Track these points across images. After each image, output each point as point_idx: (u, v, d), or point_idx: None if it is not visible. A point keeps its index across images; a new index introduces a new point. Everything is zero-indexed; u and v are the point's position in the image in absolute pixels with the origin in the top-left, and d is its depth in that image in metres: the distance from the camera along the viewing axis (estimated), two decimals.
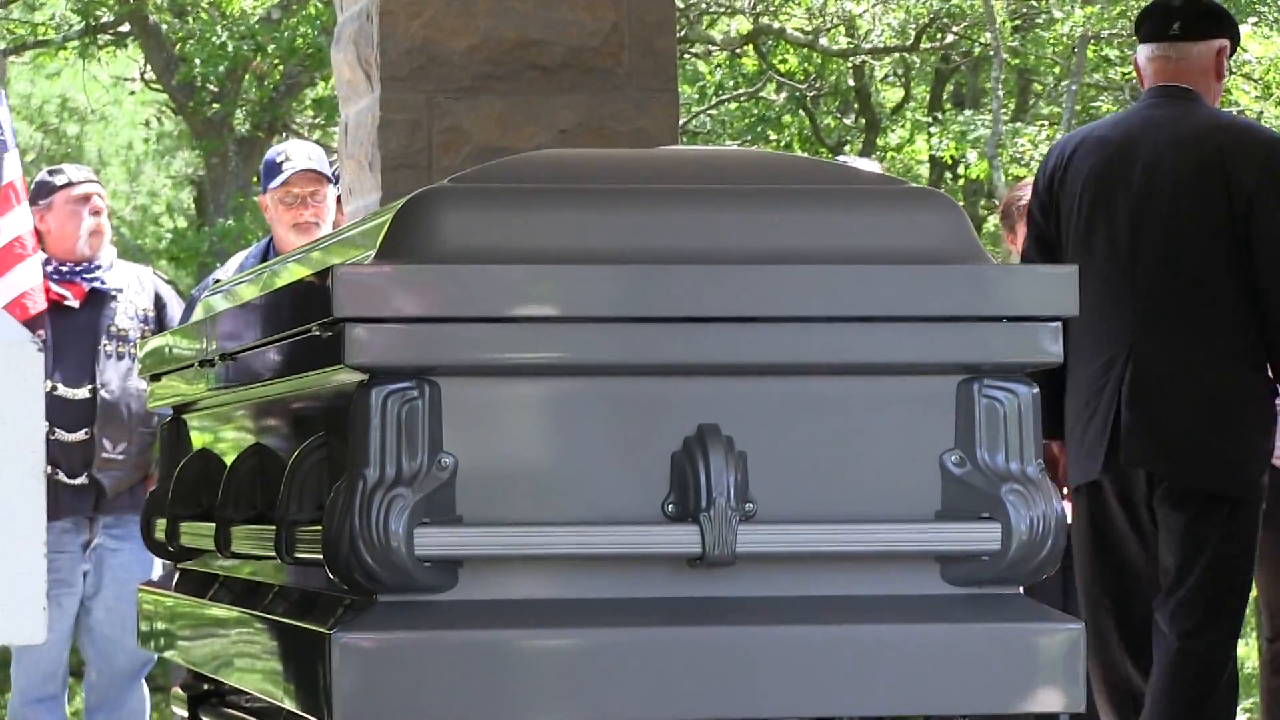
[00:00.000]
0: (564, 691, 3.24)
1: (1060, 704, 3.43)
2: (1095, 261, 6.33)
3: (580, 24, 7.21)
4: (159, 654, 4.50)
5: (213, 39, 18.37)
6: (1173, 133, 6.47)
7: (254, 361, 3.71)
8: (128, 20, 19.41)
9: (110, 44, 21.30)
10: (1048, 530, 3.34)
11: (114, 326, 8.40)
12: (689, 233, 3.36)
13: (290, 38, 17.94)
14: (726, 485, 3.20)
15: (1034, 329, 3.37)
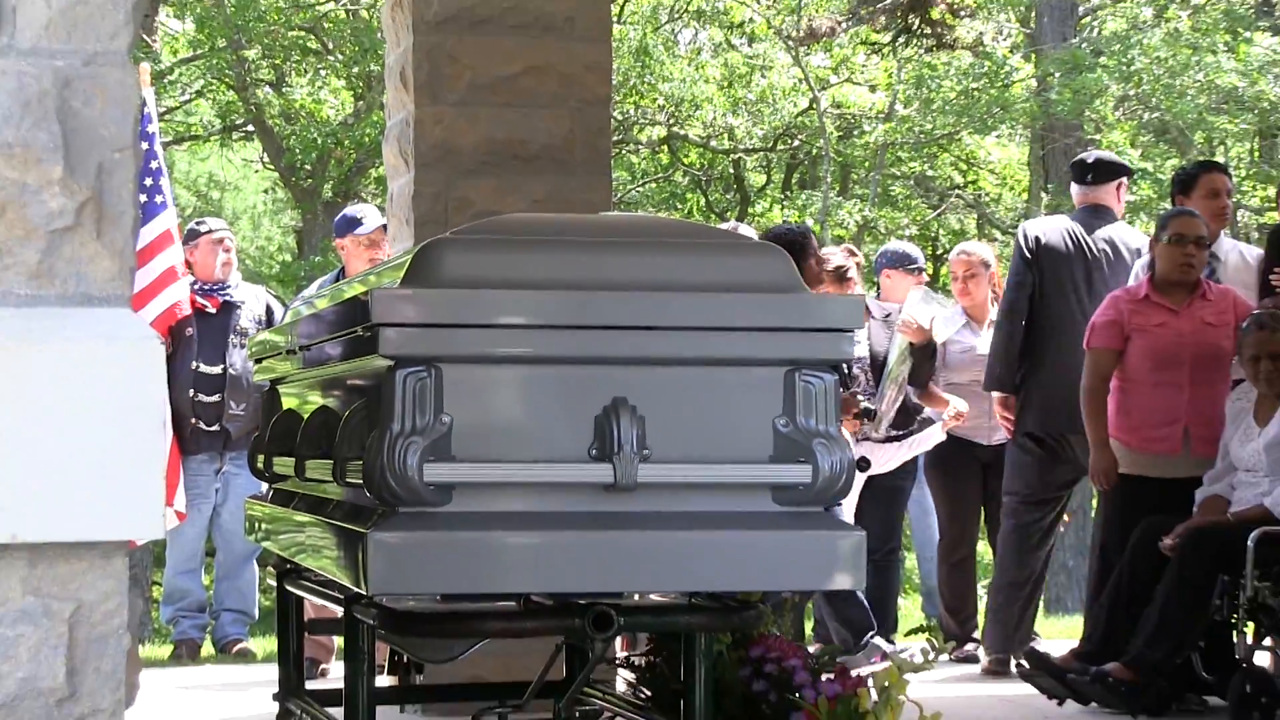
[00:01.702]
0: (521, 572, 3.57)
1: (849, 584, 3.80)
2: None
3: (547, 130, 7.54)
4: (260, 543, 4.69)
5: (309, 135, 19.42)
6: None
7: (321, 351, 3.97)
8: (252, 122, 20.41)
9: (240, 138, 22.44)
10: (842, 469, 3.66)
11: (239, 326, 9.27)
12: (613, 269, 3.70)
13: (360, 135, 18.75)
14: (631, 438, 3.55)
15: (835, 337, 3.73)
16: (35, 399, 2.05)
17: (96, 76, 2.14)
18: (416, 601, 3.92)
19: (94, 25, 2.13)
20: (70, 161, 2.12)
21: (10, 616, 2.03)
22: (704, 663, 3.94)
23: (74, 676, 2.04)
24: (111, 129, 2.15)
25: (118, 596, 2.07)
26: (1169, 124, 19.93)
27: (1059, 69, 18.97)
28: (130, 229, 2.18)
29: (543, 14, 7.71)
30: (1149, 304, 7.93)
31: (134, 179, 2.19)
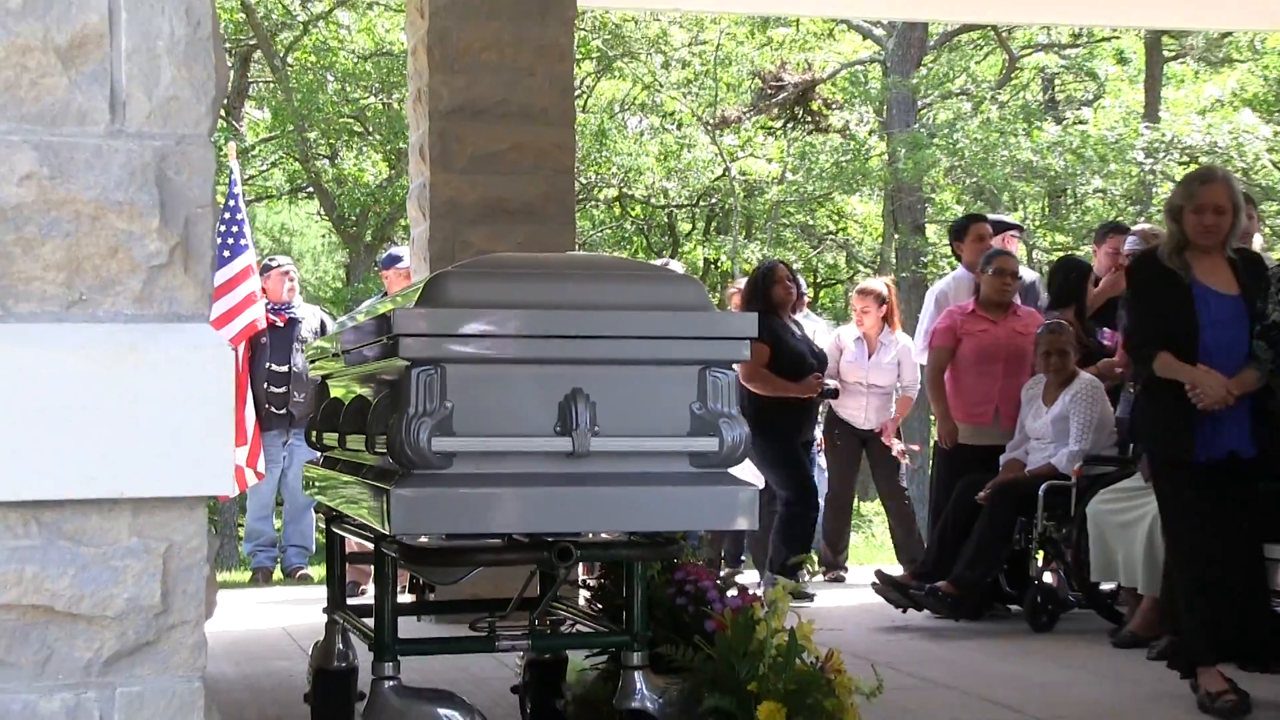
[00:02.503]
0: (505, 517, 3.52)
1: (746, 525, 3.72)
2: None
3: (527, 191, 7.54)
4: (315, 497, 4.59)
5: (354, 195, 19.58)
6: None
7: (358, 354, 3.91)
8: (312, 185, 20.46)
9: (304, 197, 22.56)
10: (741, 440, 3.63)
11: (300, 336, 9.24)
12: (573, 294, 3.66)
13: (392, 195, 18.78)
14: (585, 418, 3.54)
15: (735, 343, 3.71)
16: (139, 391, 2.04)
17: (185, 153, 2.13)
18: (428, 539, 3.85)
19: (183, 115, 2.13)
20: (165, 215, 2.11)
21: (120, 552, 2.02)
22: (640, 584, 3.92)
23: (167, 597, 2.04)
24: (195, 192, 2.14)
25: (200, 537, 2.07)
26: (984, 187, 20.00)
27: (904, 146, 19.02)
28: (210, 265, 2.18)
29: (524, 106, 7.72)
30: (975, 316, 8.06)
31: (213, 228, 2.18)
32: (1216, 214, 5.44)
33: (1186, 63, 21.38)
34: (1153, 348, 5.42)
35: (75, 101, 2.05)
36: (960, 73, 21.82)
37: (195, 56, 2.12)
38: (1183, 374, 5.34)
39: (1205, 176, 5.67)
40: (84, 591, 1.98)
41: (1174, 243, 5.50)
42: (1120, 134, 18.82)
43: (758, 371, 8.28)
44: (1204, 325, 5.37)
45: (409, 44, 8.24)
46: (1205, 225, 5.44)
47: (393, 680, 3.69)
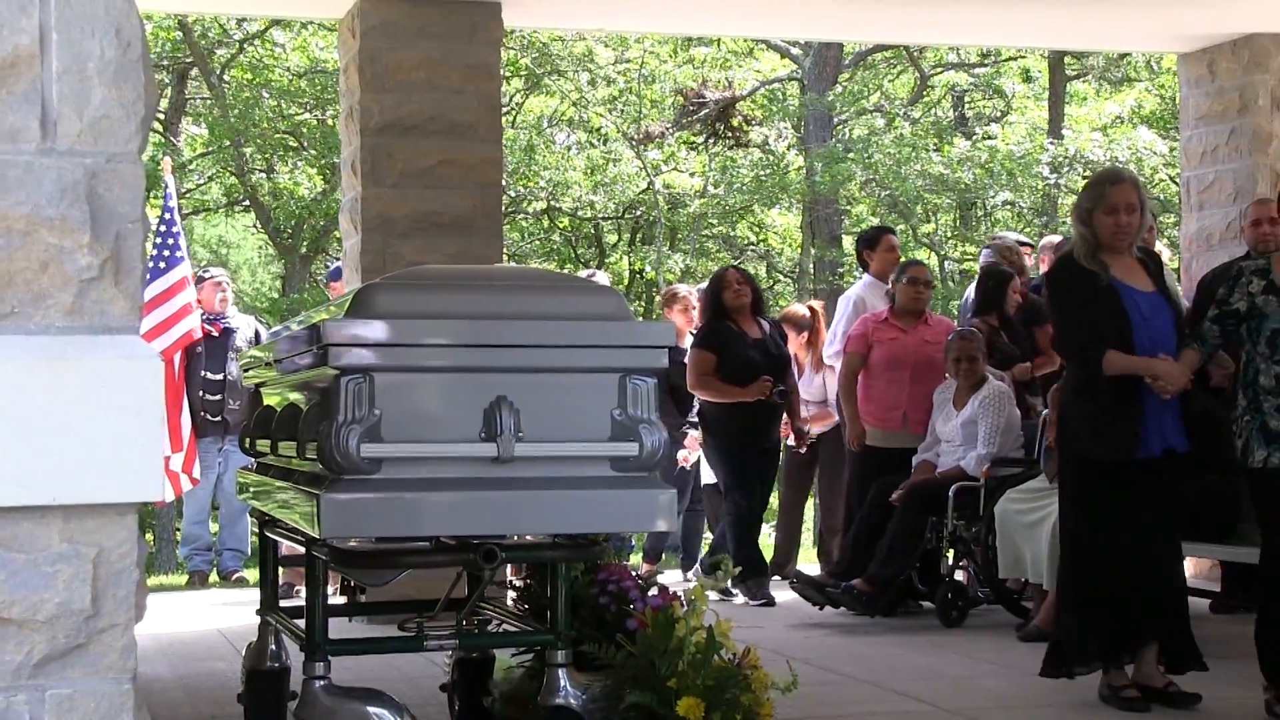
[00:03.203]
0: (432, 520, 3.52)
1: (665, 527, 3.76)
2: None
3: (458, 206, 7.58)
4: (249, 502, 4.57)
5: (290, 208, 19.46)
6: None
7: (290, 363, 3.92)
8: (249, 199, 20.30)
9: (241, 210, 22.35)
10: (659, 446, 3.63)
11: (235, 345, 9.16)
12: (498, 305, 3.66)
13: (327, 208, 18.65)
14: (509, 424, 3.53)
15: (655, 351, 3.70)
16: (71, 401, 2.03)
17: (115, 170, 2.12)
18: (358, 542, 3.85)
19: (113, 134, 2.12)
20: (96, 231, 2.10)
21: (51, 557, 2.01)
22: (564, 584, 3.93)
23: (97, 601, 2.02)
24: (125, 207, 2.13)
25: (130, 543, 2.05)
26: (898, 200, 20.15)
27: (821, 161, 19.14)
28: (140, 278, 2.15)
29: (453, 123, 7.73)
30: (888, 324, 8.09)
31: (143, 243, 2.16)
32: (1129, 213, 5.32)
33: (1088, 81, 21.66)
34: (1097, 347, 5.22)
35: (7, 120, 2.04)
36: (874, 90, 21.99)
37: (125, 77, 2.11)
38: (1140, 367, 5.16)
39: (1114, 177, 5.49)
40: (14, 596, 1.97)
41: (1087, 246, 5.34)
42: (1026, 149, 19.03)
43: (703, 379, 8.25)
44: (1134, 323, 5.23)
45: (341, 63, 8.22)
46: (1119, 225, 5.31)
47: (323, 679, 3.68)
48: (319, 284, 20.12)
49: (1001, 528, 7.01)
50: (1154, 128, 19.57)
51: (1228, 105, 9.13)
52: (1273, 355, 5.07)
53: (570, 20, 13.14)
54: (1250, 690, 5.28)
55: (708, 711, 3.95)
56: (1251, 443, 5.06)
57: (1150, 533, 5.21)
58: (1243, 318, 5.16)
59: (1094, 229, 5.31)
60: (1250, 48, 9.00)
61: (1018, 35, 10.68)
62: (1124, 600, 5.22)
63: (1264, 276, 5.16)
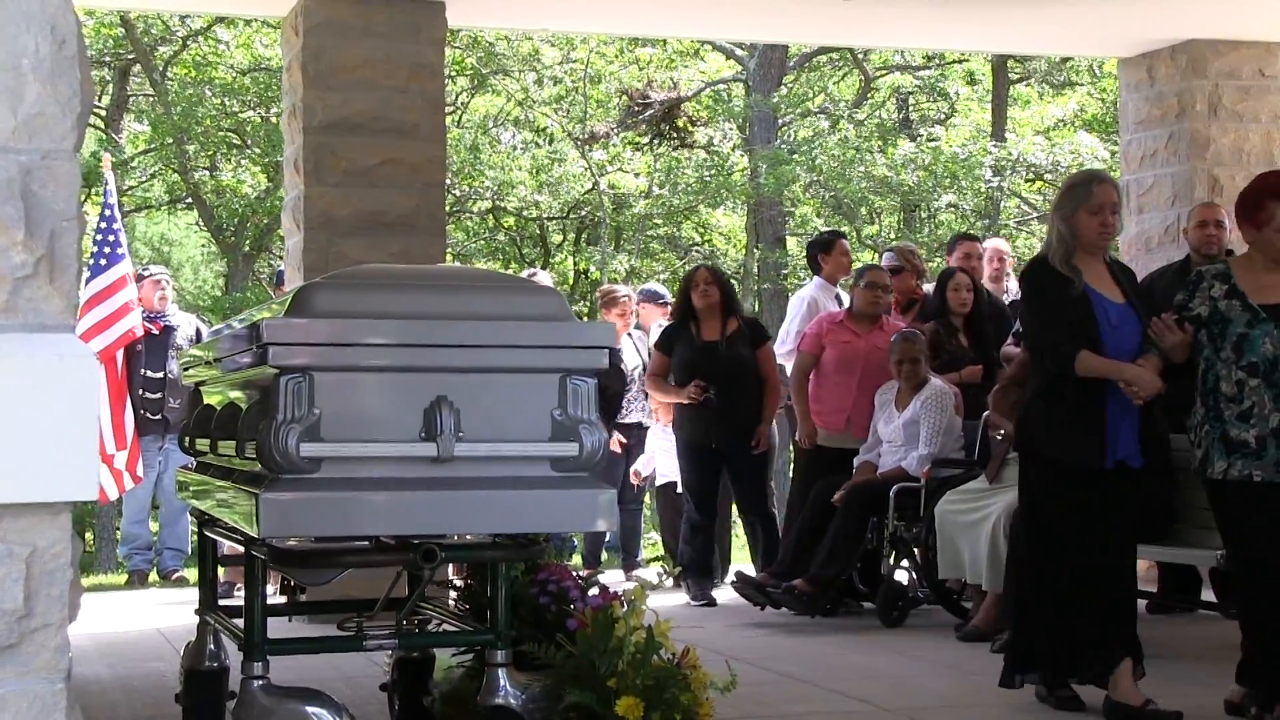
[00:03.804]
0: (372, 519, 3.53)
1: (605, 527, 3.82)
2: None
3: (401, 205, 7.57)
4: (188, 501, 4.55)
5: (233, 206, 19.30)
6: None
7: (230, 362, 3.91)
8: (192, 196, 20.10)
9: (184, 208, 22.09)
10: (600, 446, 3.66)
11: (175, 343, 9.06)
12: (438, 304, 3.69)
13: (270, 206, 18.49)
14: (449, 424, 3.55)
15: (595, 352, 3.72)
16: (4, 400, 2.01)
17: (50, 168, 2.11)
18: (297, 542, 3.88)
19: (48, 131, 2.11)
20: (30, 228, 2.09)
21: None
22: (504, 584, 3.93)
23: (30, 600, 2.01)
24: (61, 205, 2.12)
25: (64, 542, 2.04)
26: (842, 201, 20.25)
27: (765, 162, 19.20)
28: (75, 276, 2.14)
29: (397, 123, 7.72)
30: (842, 326, 8.12)
31: (79, 241, 2.15)
32: (1112, 213, 5.19)
33: (1031, 85, 21.83)
34: (1072, 345, 5.06)
35: None
36: (819, 92, 22.07)
37: (60, 74, 2.10)
38: (1113, 371, 5.03)
39: (1098, 177, 5.32)
40: None
41: (1064, 249, 5.17)
42: (970, 152, 19.16)
43: (653, 379, 8.45)
44: (1103, 331, 5.10)
45: (284, 61, 8.19)
46: (1104, 225, 5.15)
47: (261, 679, 3.68)
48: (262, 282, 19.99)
49: (941, 528, 7.05)
50: (1095, 132, 19.74)
51: (1166, 110, 9.23)
52: (1237, 361, 4.97)
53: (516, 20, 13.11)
54: (1208, 691, 5.33)
55: (647, 711, 3.96)
56: (1211, 453, 4.98)
57: (1109, 541, 5.10)
58: (1203, 323, 5.07)
59: (1075, 229, 5.15)
60: (1189, 53, 9.11)
61: (960, 39, 10.77)
62: (1083, 609, 5.11)
63: (1225, 280, 5.07)
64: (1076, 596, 5.12)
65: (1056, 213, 5.23)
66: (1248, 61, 9.13)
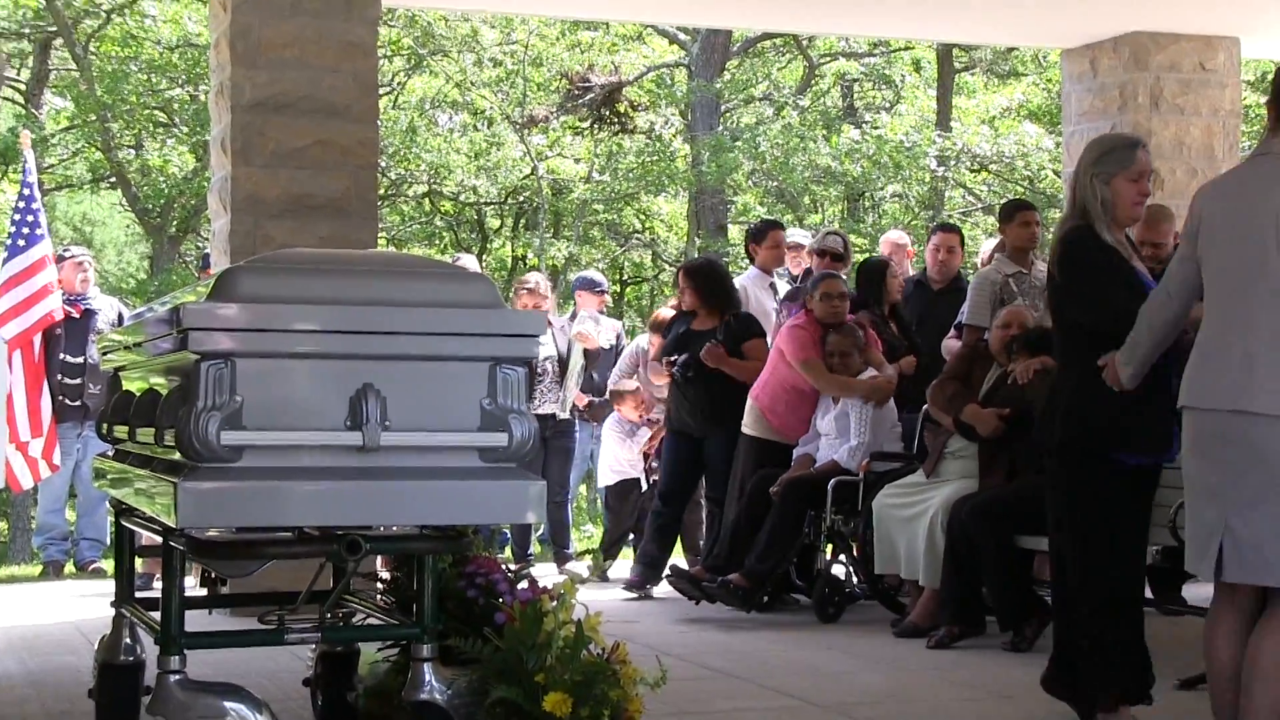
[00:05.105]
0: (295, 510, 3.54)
1: (533, 519, 3.94)
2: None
3: (331, 187, 7.51)
4: (106, 490, 4.51)
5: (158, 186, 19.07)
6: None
7: (150, 347, 3.91)
8: (115, 176, 19.82)
9: (107, 187, 21.74)
10: (529, 436, 3.69)
11: (96, 327, 8.95)
12: (365, 290, 3.68)
13: (198, 187, 18.31)
14: (375, 413, 3.57)
15: (525, 340, 3.77)
16: None
17: None
18: (218, 532, 3.82)
19: None
20: None
21: None
22: (431, 577, 3.92)
23: None
24: None
25: None
26: (785, 190, 20.31)
27: (707, 149, 19.22)
28: None
29: (327, 103, 7.66)
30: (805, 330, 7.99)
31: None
32: (1149, 181, 4.89)
33: (976, 74, 21.96)
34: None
35: None
36: (762, 78, 22.11)
37: None
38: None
39: (1137, 141, 4.94)
40: None
41: (1108, 216, 4.78)
42: (914, 141, 19.25)
43: (651, 363, 8.80)
44: None
45: (212, 37, 8.11)
46: (1142, 193, 4.84)
47: (178, 674, 3.65)
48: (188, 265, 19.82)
49: (879, 523, 7.10)
50: (1040, 123, 19.90)
51: (1108, 102, 9.33)
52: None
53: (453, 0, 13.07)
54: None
55: (575, 707, 3.96)
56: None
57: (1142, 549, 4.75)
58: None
59: (1113, 197, 4.78)
60: (1131, 45, 9.20)
61: (905, 27, 10.82)
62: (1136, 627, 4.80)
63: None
64: (1135, 612, 4.83)
65: (1095, 177, 4.80)
66: (1188, 55, 9.23)
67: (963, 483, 6.83)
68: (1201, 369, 4.20)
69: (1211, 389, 4.13)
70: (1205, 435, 4.15)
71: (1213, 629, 4.21)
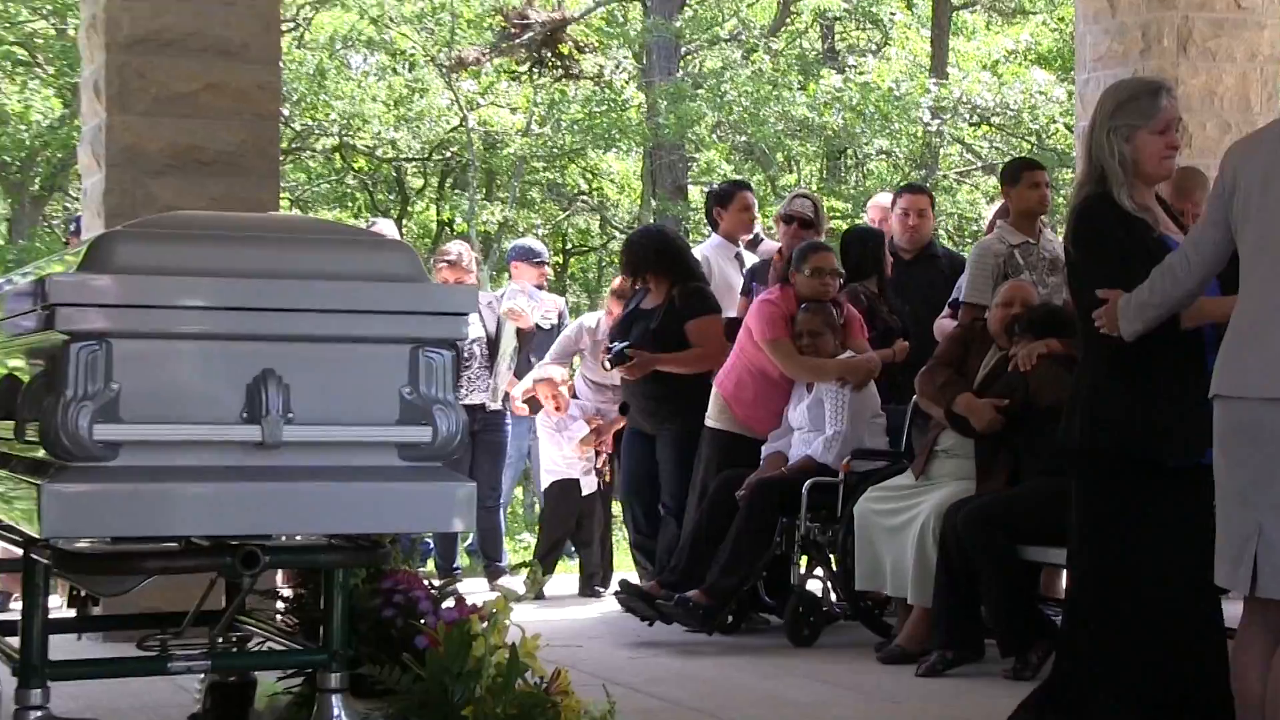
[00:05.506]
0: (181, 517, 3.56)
1: (462, 527, 3.98)
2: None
3: (225, 140, 7.48)
4: None
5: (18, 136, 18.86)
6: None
7: (9, 326, 3.88)
8: None
9: None
10: (457, 430, 3.73)
11: None
12: (264, 260, 3.72)
13: (66, 137, 18.14)
14: (277, 403, 3.59)
15: (453, 320, 3.79)
16: None
17: None
18: (89, 543, 3.86)
19: None
20: None
21: None
22: (341, 594, 3.93)
23: None
24: None
25: None
26: (755, 146, 20.35)
27: (665, 98, 19.23)
28: None
29: (220, 40, 7.62)
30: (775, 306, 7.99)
31: None
32: (1178, 134, 4.88)
33: (976, 12, 22.07)
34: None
35: None
36: (730, 16, 22.15)
37: None
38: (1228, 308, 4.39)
39: (1165, 85, 4.94)
40: None
41: (1130, 178, 4.81)
42: (905, 90, 19.32)
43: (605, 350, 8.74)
44: None
45: None
46: (1171, 147, 4.85)
47: (40, 710, 3.64)
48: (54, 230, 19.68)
49: (861, 531, 7.11)
50: (1050, 69, 20.01)
51: (1129, 45, 9.37)
52: None
53: None
54: None
55: None
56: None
57: (1195, 568, 4.53)
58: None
59: (1136, 154, 4.80)
60: None
61: None
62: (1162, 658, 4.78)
63: None
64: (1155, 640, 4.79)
65: (1113, 132, 4.81)
66: None
67: (957, 485, 6.85)
68: (1235, 352, 4.23)
69: (1244, 375, 4.16)
70: (1236, 428, 4.18)
71: (1242, 653, 4.23)
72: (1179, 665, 4.76)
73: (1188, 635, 4.77)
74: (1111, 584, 4.79)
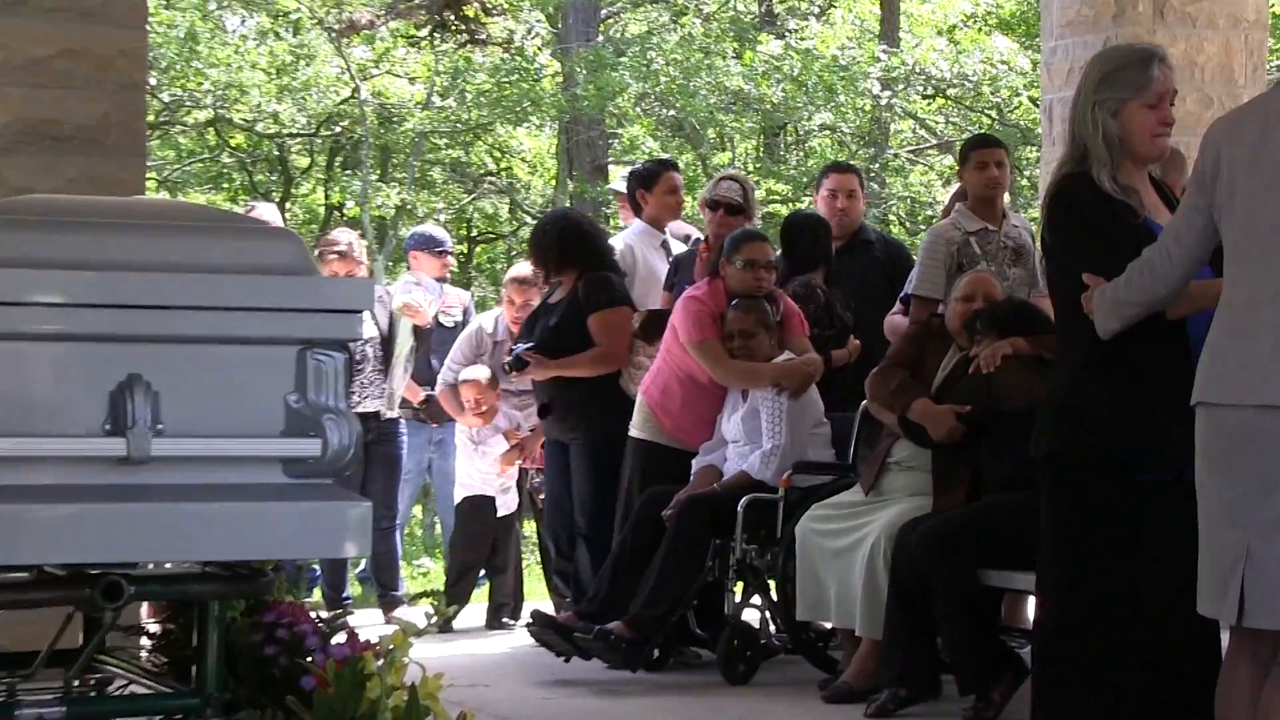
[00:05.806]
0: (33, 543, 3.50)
1: (356, 552, 3.92)
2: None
3: (82, 112, 7.43)
4: None
5: None
6: None
7: None
8: None
9: None
10: (350, 443, 3.70)
11: None
12: (128, 250, 3.66)
13: None
14: (144, 413, 3.54)
15: (346, 318, 3.78)
16: None
17: None
18: None
19: None
20: None
21: None
22: (216, 629, 3.90)
23: None
24: None
25: None
26: (684, 121, 20.38)
27: (584, 67, 19.24)
28: None
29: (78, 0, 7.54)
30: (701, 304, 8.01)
31: None
32: (1171, 107, 4.93)
33: None
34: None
35: None
36: None
37: None
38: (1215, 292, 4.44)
39: (1158, 53, 4.97)
40: None
41: (1111, 158, 4.84)
42: (852, 58, 19.41)
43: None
44: None
45: None
46: (1164, 123, 4.89)
47: None
48: None
49: (804, 554, 7.12)
50: (1013, 35, 20.15)
51: (1100, 10, 9.43)
52: None
53: None
54: None
55: None
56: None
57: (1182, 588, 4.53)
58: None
59: (1124, 130, 4.86)
60: None
61: None
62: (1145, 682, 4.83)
63: None
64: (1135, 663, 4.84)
65: (1095, 107, 4.87)
66: None
67: (911, 501, 6.88)
68: (1220, 353, 4.25)
69: (1231, 379, 4.19)
70: (1223, 439, 4.19)
71: (1228, 687, 4.25)
72: (1159, 694, 4.78)
73: (1171, 661, 4.78)
74: (1085, 605, 4.82)
